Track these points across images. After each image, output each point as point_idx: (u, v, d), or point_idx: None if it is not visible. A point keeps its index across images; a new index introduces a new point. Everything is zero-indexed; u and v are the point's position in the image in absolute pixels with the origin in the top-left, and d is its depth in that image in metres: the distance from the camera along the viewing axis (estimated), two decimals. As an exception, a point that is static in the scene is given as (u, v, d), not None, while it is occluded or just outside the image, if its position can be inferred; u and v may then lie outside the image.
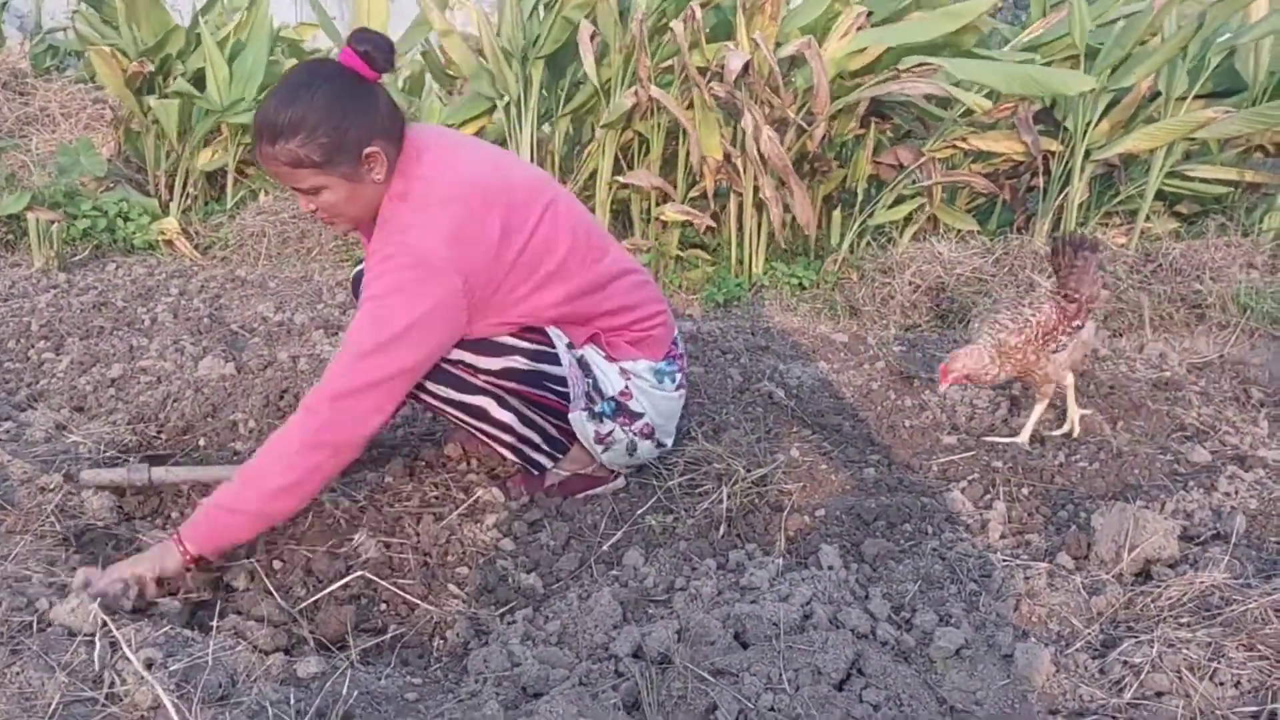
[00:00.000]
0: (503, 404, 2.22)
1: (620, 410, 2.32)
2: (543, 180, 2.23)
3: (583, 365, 2.27)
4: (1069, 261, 2.69)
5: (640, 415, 2.35)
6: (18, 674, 1.54)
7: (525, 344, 2.17)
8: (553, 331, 2.21)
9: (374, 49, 1.96)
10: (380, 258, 1.97)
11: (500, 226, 2.04)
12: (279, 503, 1.93)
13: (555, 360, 2.20)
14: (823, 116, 4.29)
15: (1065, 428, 2.85)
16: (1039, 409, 2.79)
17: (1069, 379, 2.78)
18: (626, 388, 2.33)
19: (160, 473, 2.31)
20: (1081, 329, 2.72)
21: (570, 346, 2.25)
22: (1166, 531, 2.04)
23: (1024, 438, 2.77)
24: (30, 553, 1.95)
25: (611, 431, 2.33)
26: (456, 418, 2.23)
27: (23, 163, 5.26)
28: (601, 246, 2.28)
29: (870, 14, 4.68)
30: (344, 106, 1.93)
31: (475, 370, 2.14)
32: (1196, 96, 4.42)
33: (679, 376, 2.44)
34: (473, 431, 2.26)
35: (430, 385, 2.14)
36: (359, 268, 2.52)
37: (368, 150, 1.95)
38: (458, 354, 2.10)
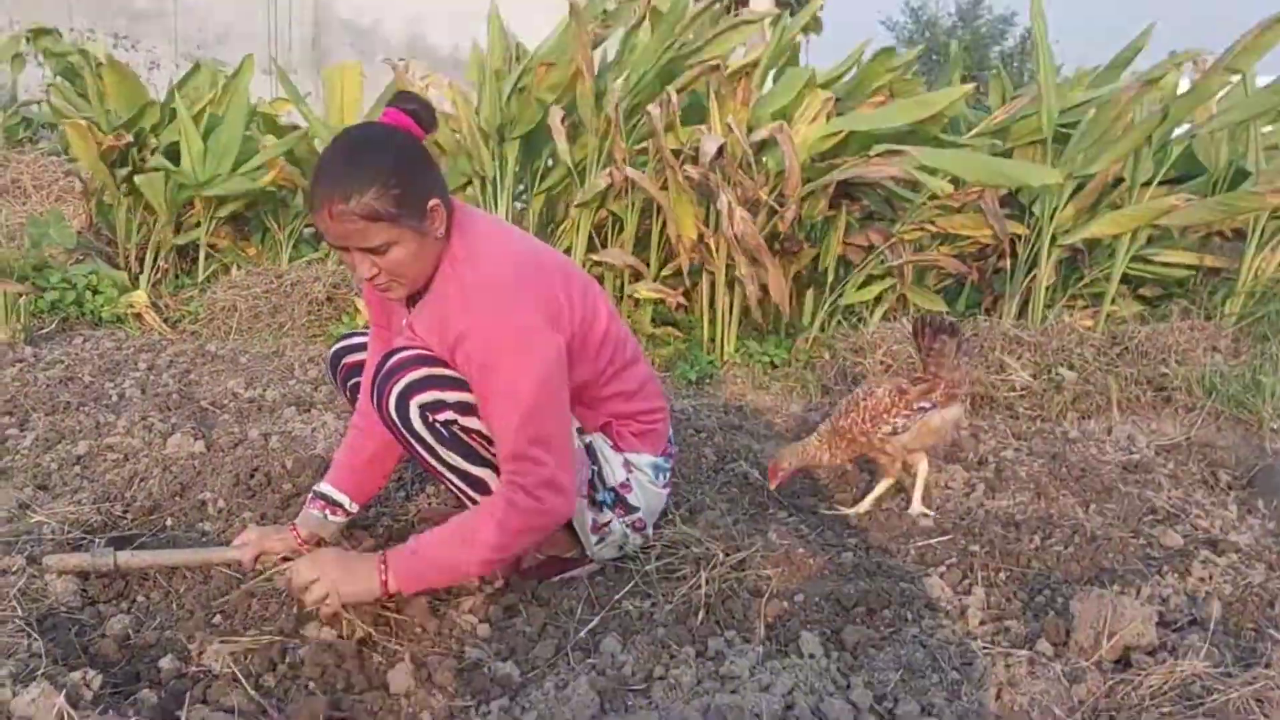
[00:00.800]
0: None
1: (619, 502, 2.33)
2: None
3: (590, 452, 2.28)
4: (928, 344, 2.79)
5: (636, 509, 2.36)
6: (-24, 770, 1.48)
7: None
8: None
9: (420, 108, 2.03)
10: (487, 348, 2.00)
11: (564, 291, 2.12)
12: (488, 569, 2.15)
13: None
14: (794, 198, 4.36)
15: (910, 509, 2.88)
16: (883, 485, 2.89)
17: (922, 463, 2.84)
18: (627, 480, 2.34)
19: (126, 557, 2.26)
20: (931, 410, 2.77)
21: (580, 432, 2.25)
22: (1145, 618, 2.04)
23: (863, 507, 2.87)
24: (-9, 639, 1.89)
25: (609, 522, 2.34)
26: (455, 485, 2.20)
27: (-9, 234, 5.24)
28: (626, 330, 2.36)
29: (839, 100, 4.79)
30: (407, 160, 1.97)
31: (488, 444, 2.13)
32: (1160, 183, 4.54)
33: (669, 475, 2.48)
34: (464, 500, 2.24)
35: (442, 451, 2.12)
36: (338, 344, 2.51)
37: (431, 204, 1.98)
38: (475, 424, 2.10)
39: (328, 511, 2.38)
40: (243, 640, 2.04)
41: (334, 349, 2.51)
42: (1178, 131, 4.57)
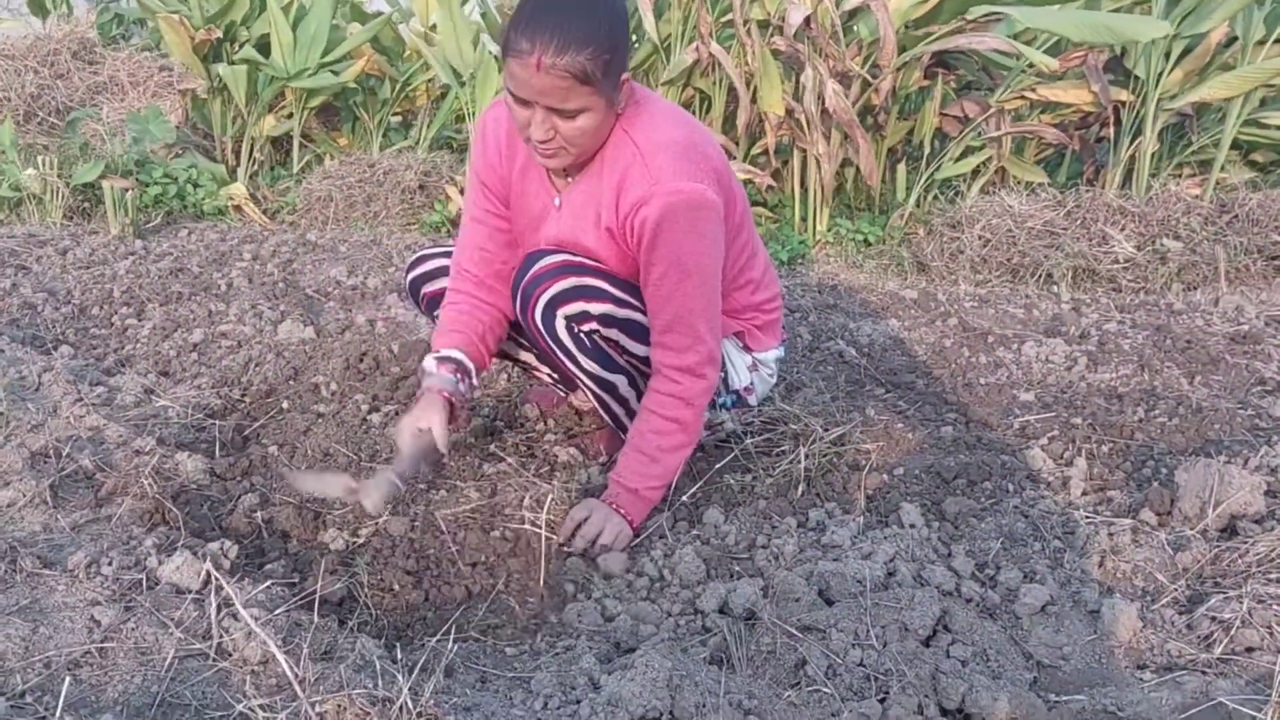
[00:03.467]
0: (632, 382, 2.23)
1: (739, 403, 2.36)
2: None
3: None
4: None
5: (752, 408, 2.39)
6: (133, 630, 1.60)
7: None
8: None
9: None
10: (663, 216, 1.92)
11: (720, 159, 2.07)
12: (685, 460, 2.17)
13: None
14: (889, 69, 4.24)
15: None
16: None
17: None
18: (751, 383, 2.34)
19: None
20: None
21: None
22: (1253, 487, 2.02)
23: None
24: (132, 513, 2.02)
25: (724, 422, 2.39)
26: (587, 386, 2.22)
27: (95, 131, 5.36)
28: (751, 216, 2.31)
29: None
30: (622, 27, 1.86)
31: (624, 352, 2.16)
32: (1275, 41, 4.30)
33: (781, 363, 2.49)
34: (591, 396, 2.27)
35: (582, 359, 2.13)
36: (414, 273, 2.41)
37: (625, 76, 1.88)
38: (616, 335, 2.11)
39: (458, 376, 2.18)
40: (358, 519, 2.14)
41: (411, 278, 2.41)
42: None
